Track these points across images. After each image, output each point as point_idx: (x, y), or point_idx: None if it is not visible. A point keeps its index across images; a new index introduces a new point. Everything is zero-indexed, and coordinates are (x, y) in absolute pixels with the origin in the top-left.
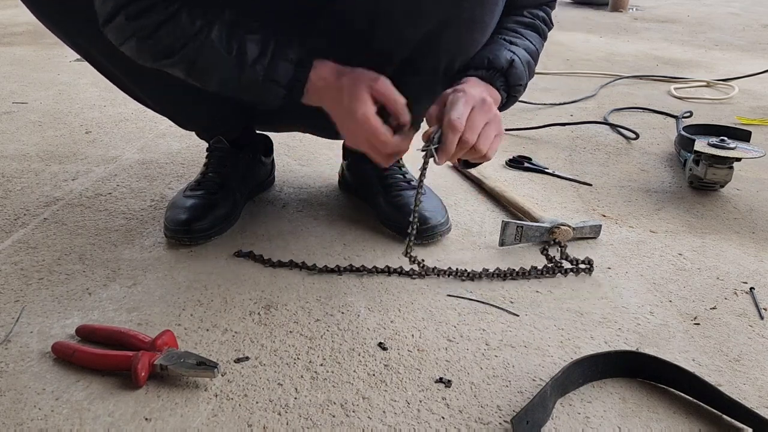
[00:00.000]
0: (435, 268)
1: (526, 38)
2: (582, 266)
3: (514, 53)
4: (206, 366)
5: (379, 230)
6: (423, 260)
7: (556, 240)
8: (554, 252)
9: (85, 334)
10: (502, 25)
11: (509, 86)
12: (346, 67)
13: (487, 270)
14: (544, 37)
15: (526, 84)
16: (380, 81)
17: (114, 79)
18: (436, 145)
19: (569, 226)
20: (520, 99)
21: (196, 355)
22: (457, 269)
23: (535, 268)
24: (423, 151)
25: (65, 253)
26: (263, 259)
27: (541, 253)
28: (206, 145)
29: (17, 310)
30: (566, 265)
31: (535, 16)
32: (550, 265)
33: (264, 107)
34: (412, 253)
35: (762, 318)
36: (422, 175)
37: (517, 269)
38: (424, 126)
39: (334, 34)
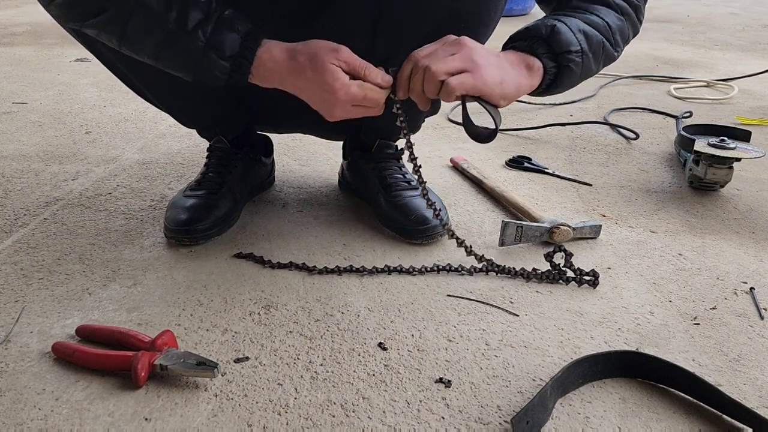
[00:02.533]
0: (497, 264)
1: (589, 12)
2: (586, 278)
3: (558, 20)
4: (206, 366)
5: (379, 230)
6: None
7: (561, 247)
8: (559, 259)
9: (85, 334)
10: (562, 6)
11: (556, 54)
12: (298, 44)
13: (490, 265)
14: (621, 11)
15: (586, 53)
16: (341, 50)
17: (119, 75)
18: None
19: (569, 227)
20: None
21: (196, 355)
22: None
23: (536, 271)
24: (388, 99)
25: (65, 253)
26: (263, 261)
27: (546, 260)
28: (206, 145)
29: (17, 310)
30: (570, 274)
31: None
32: (554, 272)
33: (207, 85)
34: (463, 241)
35: (762, 318)
36: (407, 132)
37: (518, 269)
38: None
39: (337, 30)
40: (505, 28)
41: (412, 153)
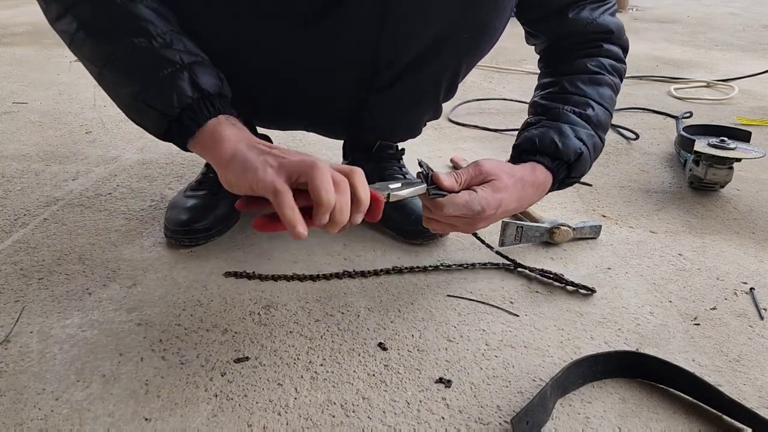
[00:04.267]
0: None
1: (600, 103)
2: (582, 292)
3: (584, 143)
4: (414, 182)
5: (379, 230)
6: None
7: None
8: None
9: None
10: (567, 89)
11: (569, 177)
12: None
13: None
14: (617, 90)
15: (586, 173)
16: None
17: None
18: (433, 192)
19: (569, 227)
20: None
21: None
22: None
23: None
24: (430, 194)
25: (65, 253)
26: (258, 276)
27: (541, 275)
28: None
29: (17, 310)
30: (568, 285)
31: (601, 67)
32: (552, 275)
33: (140, 118)
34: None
35: (762, 318)
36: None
37: (517, 265)
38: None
39: (342, 29)
40: (512, 29)
41: None
